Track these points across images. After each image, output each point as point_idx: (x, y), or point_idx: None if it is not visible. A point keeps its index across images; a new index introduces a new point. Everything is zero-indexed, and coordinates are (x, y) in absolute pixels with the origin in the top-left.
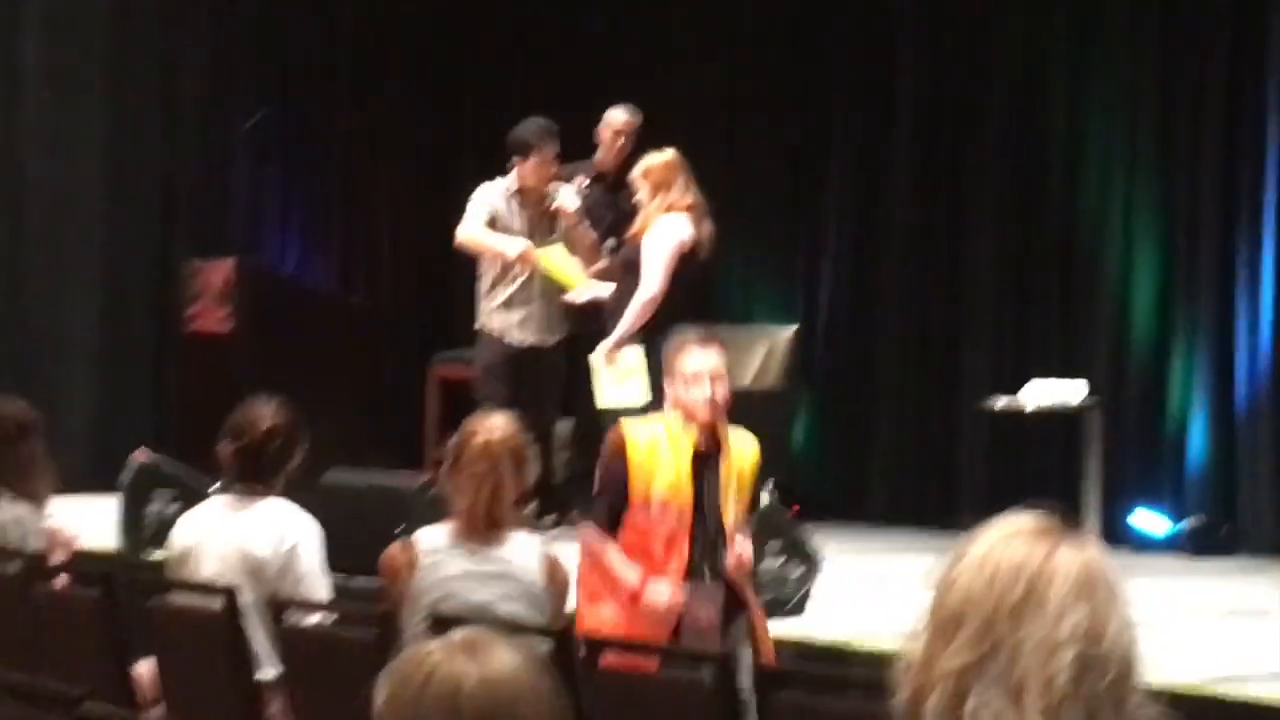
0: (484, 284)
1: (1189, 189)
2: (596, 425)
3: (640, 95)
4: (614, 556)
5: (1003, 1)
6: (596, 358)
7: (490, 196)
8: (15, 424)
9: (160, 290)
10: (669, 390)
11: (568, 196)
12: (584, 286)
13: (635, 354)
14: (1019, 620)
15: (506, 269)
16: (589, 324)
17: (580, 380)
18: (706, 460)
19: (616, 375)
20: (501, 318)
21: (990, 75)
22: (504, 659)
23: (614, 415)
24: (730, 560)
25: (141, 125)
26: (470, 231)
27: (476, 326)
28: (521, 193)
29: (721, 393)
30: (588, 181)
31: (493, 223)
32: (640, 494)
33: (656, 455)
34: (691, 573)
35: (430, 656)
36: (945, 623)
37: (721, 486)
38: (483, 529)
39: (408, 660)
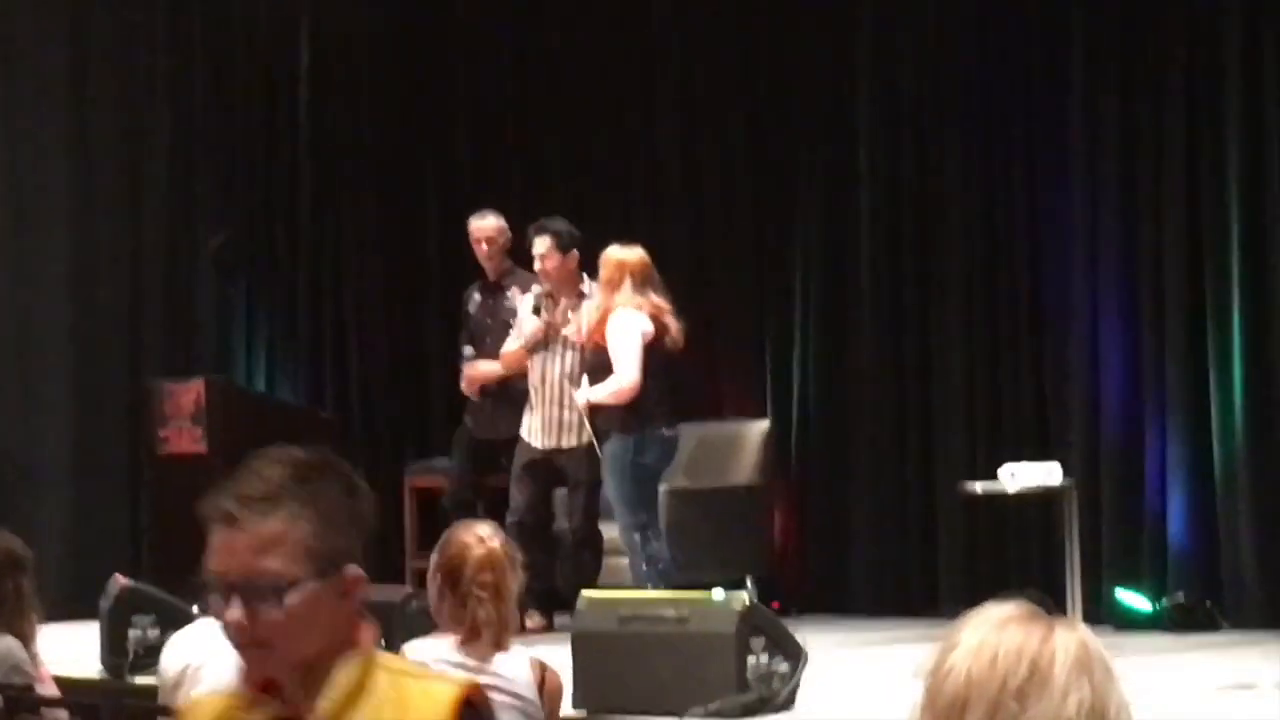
0: None
1: (1153, 264)
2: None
3: (607, 192)
4: None
5: (954, 82)
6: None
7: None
8: (6, 558)
9: (130, 414)
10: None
11: (529, 318)
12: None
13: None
14: (1025, 701)
15: (529, 374)
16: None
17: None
18: None
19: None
20: (526, 421)
21: (948, 156)
22: None
23: None
24: None
25: (106, 249)
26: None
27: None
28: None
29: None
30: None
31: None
32: None
33: None
34: None
35: None
36: (947, 710)
37: None
38: (491, 642)
39: None
